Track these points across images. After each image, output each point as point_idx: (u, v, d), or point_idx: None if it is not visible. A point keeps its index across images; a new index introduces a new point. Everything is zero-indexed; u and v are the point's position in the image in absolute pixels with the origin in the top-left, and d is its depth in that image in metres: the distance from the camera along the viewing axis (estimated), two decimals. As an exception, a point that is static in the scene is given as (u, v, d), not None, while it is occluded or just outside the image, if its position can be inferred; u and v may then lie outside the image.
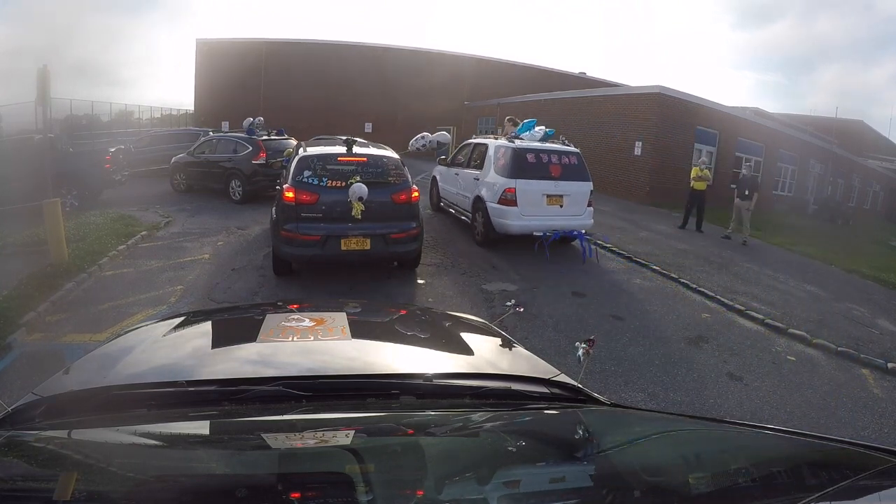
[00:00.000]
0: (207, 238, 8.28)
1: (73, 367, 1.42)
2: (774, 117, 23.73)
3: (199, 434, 1.08)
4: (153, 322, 1.80)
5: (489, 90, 25.49)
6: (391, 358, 1.50)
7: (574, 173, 8.09)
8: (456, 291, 6.29)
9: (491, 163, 8.14)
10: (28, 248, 6.98)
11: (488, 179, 8.05)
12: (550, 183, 7.86)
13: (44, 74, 6.27)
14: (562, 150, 8.21)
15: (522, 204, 7.66)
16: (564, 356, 4.40)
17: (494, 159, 8.10)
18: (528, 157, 7.86)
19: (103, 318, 5.10)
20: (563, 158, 8.08)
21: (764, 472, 0.95)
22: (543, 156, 7.97)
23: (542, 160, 7.92)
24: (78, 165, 10.28)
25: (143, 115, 27.93)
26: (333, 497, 0.79)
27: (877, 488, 0.82)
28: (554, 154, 8.05)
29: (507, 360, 1.57)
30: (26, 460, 0.99)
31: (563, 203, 7.91)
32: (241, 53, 25.39)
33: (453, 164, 9.71)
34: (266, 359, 1.38)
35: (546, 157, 7.96)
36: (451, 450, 1.04)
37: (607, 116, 16.76)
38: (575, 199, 8.02)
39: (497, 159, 8.04)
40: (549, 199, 7.84)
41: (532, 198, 7.72)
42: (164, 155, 14.12)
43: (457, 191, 9.18)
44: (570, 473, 0.96)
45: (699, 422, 1.34)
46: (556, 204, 7.88)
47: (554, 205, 7.87)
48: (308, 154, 6.19)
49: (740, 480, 0.92)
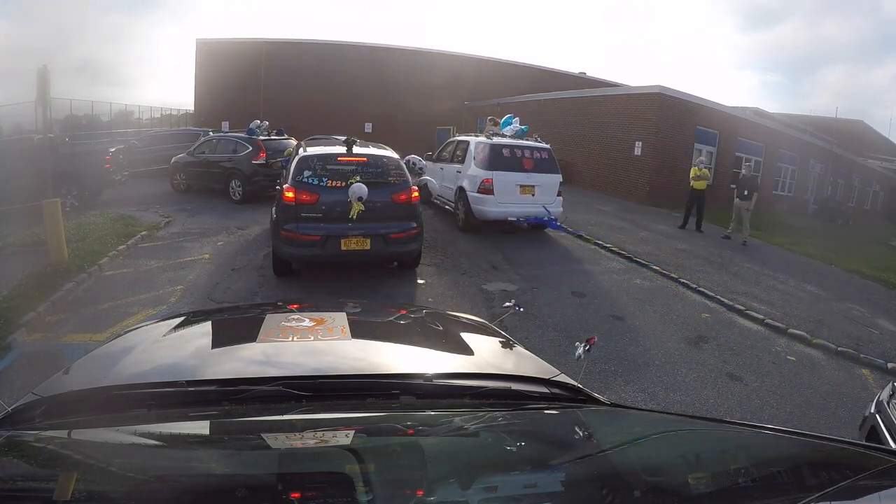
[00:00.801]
0: (207, 238, 8.28)
1: (73, 367, 1.42)
2: (774, 117, 23.73)
3: (199, 434, 1.08)
4: (153, 322, 1.80)
5: (489, 90, 25.48)
6: (391, 358, 1.50)
7: (545, 166, 9.13)
8: (456, 291, 6.29)
9: (471, 157, 9.20)
10: (28, 248, 6.99)
11: (469, 172, 9.09)
12: (523, 175, 8.89)
13: (44, 74, 6.27)
14: (534, 146, 9.29)
15: (499, 193, 8.69)
16: (564, 356, 4.40)
17: (474, 154, 9.18)
18: (503, 151, 8.94)
19: (103, 318, 5.10)
20: (536, 153, 9.15)
21: (764, 472, 0.95)
22: (517, 151, 9.05)
23: (517, 155, 9.01)
24: (78, 165, 10.28)
25: (143, 115, 27.92)
26: (333, 497, 0.79)
27: (877, 488, 0.82)
28: (527, 149, 9.14)
29: (507, 360, 1.57)
30: (26, 460, 0.99)
31: (535, 192, 8.94)
32: (241, 53, 25.38)
33: (438, 159, 10.62)
34: (266, 359, 1.38)
35: (520, 152, 9.05)
36: (451, 450, 1.04)
37: (607, 116, 16.76)
38: (545, 189, 9.05)
39: (477, 154, 9.12)
40: (523, 188, 8.88)
41: (507, 188, 8.74)
42: (164, 155, 14.13)
43: (441, 183, 10.08)
44: (571, 473, 0.96)
45: (699, 422, 1.34)
46: (529, 193, 8.90)
47: (527, 194, 8.89)
48: (308, 154, 6.19)
49: (740, 480, 0.92)
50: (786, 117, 26.64)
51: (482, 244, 8.55)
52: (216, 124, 21.06)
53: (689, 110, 15.90)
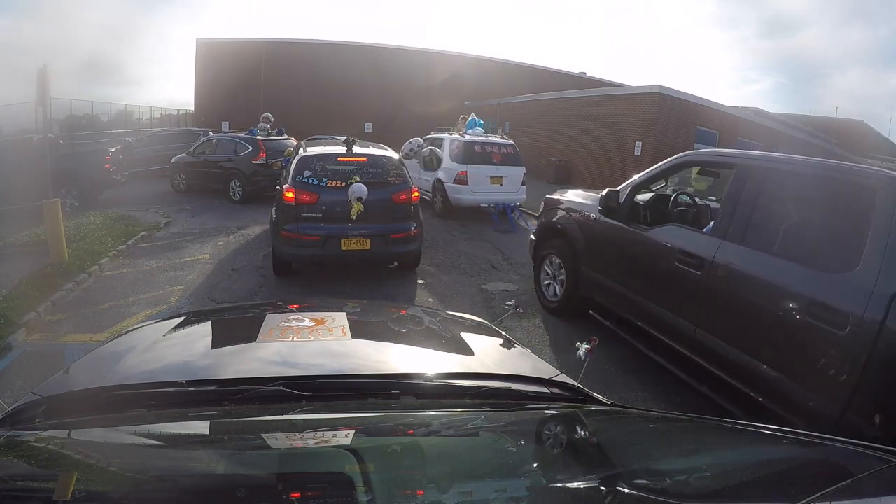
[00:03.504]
0: (207, 238, 8.28)
1: (73, 367, 1.42)
2: (775, 117, 23.72)
3: (199, 434, 1.08)
4: (153, 322, 1.80)
5: (489, 90, 25.49)
6: (391, 358, 1.50)
7: (511, 160, 10.60)
8: (456, 291, 6.29)
9: (447, 152, 10.55)
10: (28, 248, 6.99)
11: (445, 165, 10.38)
12: (493, 167, 10.31)
13: (44, 74, 6.27)
14: (501, 143, 10.83)
15: (472, 183, 10.09)
16: (564, 356, 4.40)
17: (450, 150, 10.55)
18: (475, 147, 10.40)
19: (103, 318, 5.10)
20: (503, 149, 10.67)
21: (764, 472, 0.94)
22: (487, 146, 10.52)
23: (486, 150, 10.46)
24: (78, 165, 10.29)
25: (143, 115, 27.92)
26: (333, 497, 0.79)
27: (877, 488, 0.82)
28: (496, 145, 10.66)
29: (507, 360, 1.57)
30: (26, 460, 0.99)
31: (503, 182, 10.35)
32: (241, 53, 25.41)
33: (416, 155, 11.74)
34: (266, 359, 1.38)
35: (489, 148, 10.52)
36: (451, 450, 1.04)
37: (607, 116, 16.76)
38: (512, 180, 10.44)
39: (452, 150, 10.52)
40: (492, 179, 10.27)
41: (479, 178, 10.12)
42: (164, 155, 14.13)
43: (419, 176, 10.80)
44: (570, 473, 0.96)
45: (699, 422, 1.34)
46: (498, 183, 10.30)
47: (496, 184, 10.29)
48: (308, 154, 6.19)
49: (740, 480, 0.92)
50: (786, 117, 26.63)
51: (482, 244, 8.55)
52: (216, 124, 21.07)
53: (689, 110, 15.90)
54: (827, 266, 2.87)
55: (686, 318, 3.60)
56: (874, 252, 2.64)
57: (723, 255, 3.40)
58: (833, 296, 2.72)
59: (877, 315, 2.50)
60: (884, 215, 2.66)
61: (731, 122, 17.55)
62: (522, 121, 21.39)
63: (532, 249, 5.82)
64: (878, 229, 2.66)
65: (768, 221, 3.32)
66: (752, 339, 3.17)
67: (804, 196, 3.33)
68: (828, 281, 2.81)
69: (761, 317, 3.10)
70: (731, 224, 3.46)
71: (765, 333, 3.08)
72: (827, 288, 2.78)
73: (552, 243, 5.42)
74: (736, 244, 3.36)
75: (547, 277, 5.53)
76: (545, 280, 5.56)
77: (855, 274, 2.68)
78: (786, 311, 2.94)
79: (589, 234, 4.83)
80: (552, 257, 5.41)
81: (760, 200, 3.35)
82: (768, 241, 3.25)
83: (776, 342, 3.01)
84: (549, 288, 5.48)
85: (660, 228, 4.10)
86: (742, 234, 3.36)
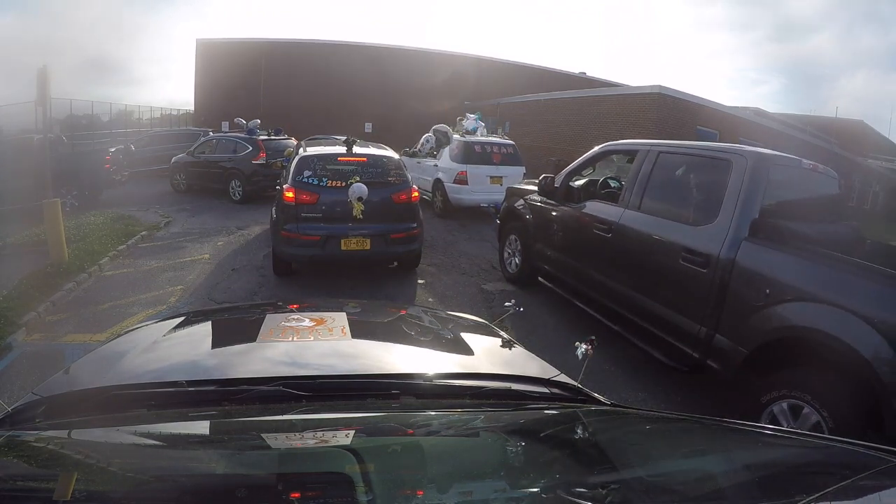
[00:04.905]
0: (207, 238, 8.29)
1: (73, 367, 1.42)
2: (775, 117, 23.71)
3: (199, 434, 1.08)
4: (153, 322, 1.80)
5: (489, 90, 25.48)
6: (391, 358, 1.50)
7: (511, 160, 10.55)
8: (456, 291, 6.28)
9: (447, 153, 10.58)
10: (28, 248, 6.99)
11: (445, 165, 10.44)
12: (493, 167, 10.28)
13: (44, 74, 6.27)
14: (501, 143, 10.79)
15: (472, 183, 10.08)
16: (564, 356, 4.40)
17: (450, 150, 10.53)
18: (475, 148, 10.38)
19: (103, 318, 5.10)
20: (503, 149, 10.62)
21: (764, 472, 0.94)
22: (487, 147, 10.49)
23: (487, 150, 10.43)
24: (78, 165, 10.29)
25: (143, 115, 27.92)
26: (333, 497, 0.79)
27: (877, 488, 0.82)
28: (496, 146, 10.60)
29: (507, 360, 1.57)
30: (26, 460, 0.99)
31: (503, 182, 9.85)
32: (241, 53, 25.41)
33: (414, 155, 11.77)
34: (266, 359, 1.38)
35: (489, 148, 10.49)
36: (451, 450, 1.04)
37: (607, 116, 16.76)
38: (511, 180, 9.84)
39: (452, 150, 10.48)
40: (492, 179, 10.19)
41: (479, 178, 10.11)
42: (164, 155, 14.14)
43: (419, 176, 10.82)
44: (570, 473, 0.96)
45: (699, 422, 1.34)
46: (498, 183, 10.04)
47: (496, 183, 10.05)
48: (308, 154, 6.19)
49: (740, 480, 0.92)
50: (786, 117, 26.64)
51: (482, 244, 8.55)
52: (216, 124, 21.06)
53: (689, 110, 15.89)
54: (696, 221, 3.67)
55: (603, 273, 4.50)
56: (728, 207, 3.43)
57: (624, 219, 4.31)
58: (698, 242, 3.52)
59: (730, 255, 3.28)
60: (735, 179, 3.47)
61: (731, 122, 17.53)
62: (522, 121, 21.38)
63: (497, 231, 6.79)
64: (731, 192, 3.46)
65: (657, 191, 4.21)
66: (647, 283, 3.98)
67: (684, 171, 4.13)
68: (695, 232, 3.61)
69: (652, 265, 3.95)
70: (631, 196, 4.35)
71: (655, 278, 3.91)
72: (694, 237, 3.59)
73: (511, 225, 6.34)
74: (634, 211, 4.26)
75: (509, 255, 6.47)
76: (507, 257, 6.51)
77: (714, 225, 3.46)
78: (669, 257, 3.74)
79: (537, 214, 5.81)
80: (511, 236, 6.36)
81: (652, 176, 4.25)
82: (656, 207, 4.11)
83: (664, 284, 3.81)
84: (511, 262, 6.43)
85: (584, 204, 5.03)
86: (639, 203, 4.25)
